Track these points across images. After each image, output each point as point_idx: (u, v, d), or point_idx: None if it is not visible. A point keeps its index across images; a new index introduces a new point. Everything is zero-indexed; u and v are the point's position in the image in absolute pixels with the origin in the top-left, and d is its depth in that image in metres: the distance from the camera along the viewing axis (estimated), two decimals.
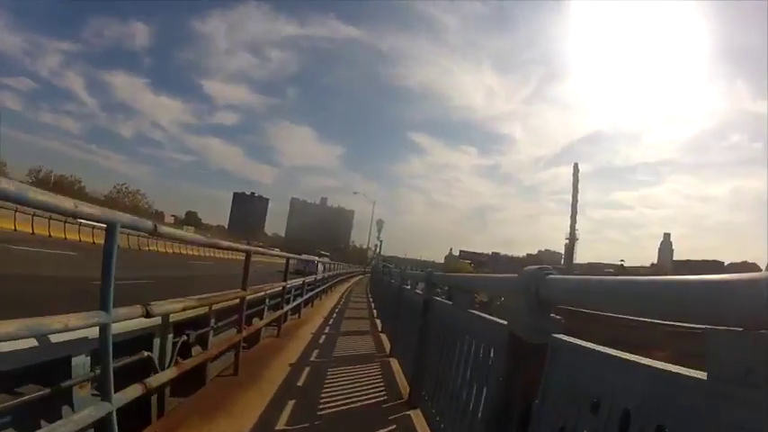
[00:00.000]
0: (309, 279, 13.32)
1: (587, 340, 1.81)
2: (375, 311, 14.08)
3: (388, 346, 8.33)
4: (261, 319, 7.94)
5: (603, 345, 1.67)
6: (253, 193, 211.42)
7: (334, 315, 13.08)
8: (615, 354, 1.56)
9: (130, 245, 31.74)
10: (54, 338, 2.84)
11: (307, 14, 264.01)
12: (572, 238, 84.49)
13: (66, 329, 2.55)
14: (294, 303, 10.59)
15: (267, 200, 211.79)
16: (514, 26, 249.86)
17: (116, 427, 2.90)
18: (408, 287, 7.35)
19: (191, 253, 40.15)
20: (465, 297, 3.65)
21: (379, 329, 10.73)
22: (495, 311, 2.99)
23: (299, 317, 11.17)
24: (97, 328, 2.77)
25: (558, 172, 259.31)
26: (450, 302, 4.12)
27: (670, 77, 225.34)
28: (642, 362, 1.40)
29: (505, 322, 2.45)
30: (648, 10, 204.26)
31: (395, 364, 6.86)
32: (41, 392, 2.93)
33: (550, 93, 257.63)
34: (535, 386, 1.96)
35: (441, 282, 5.13)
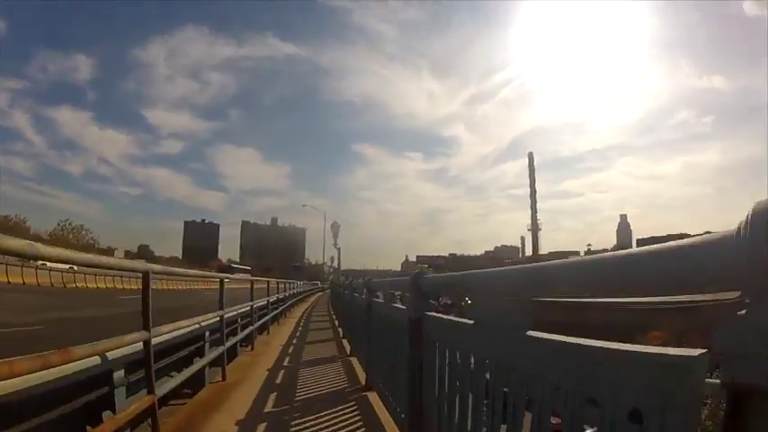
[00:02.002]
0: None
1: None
2: (338, 323, 15.13)
3: (348, 347, 9.78)
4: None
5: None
6: (203, 220, 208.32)
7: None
8: (453, 319, 2.86)
9: (53, 282, 31.57)
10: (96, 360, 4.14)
11: (244, 34, 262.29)
12: (534, 228, 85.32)
13: (124, 345, 3.81)
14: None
15: (218, 225, 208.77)
16: (450, 29, 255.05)
17: (157, 413, 4.18)
18: (357, 295, 8.84)
19: (127, 287, 35.35)
20: (390, 295, 5.11)
21: (341, 336, 12.26)
22: (460, 313, 3.13)
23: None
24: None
25: (505, 168, 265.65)
26: (382, 301, 5.58)
27: (611, 64, 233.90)
28: (464, 321, 2.54)
29: (404, 307, 3.94)
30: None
31: (355, 361, 8.28)
32: (98, 392, 4.48)
33: (491, 90, 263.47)
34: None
35: (374, 287, 6.45)
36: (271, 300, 13.65)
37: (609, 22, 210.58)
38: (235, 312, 9.19)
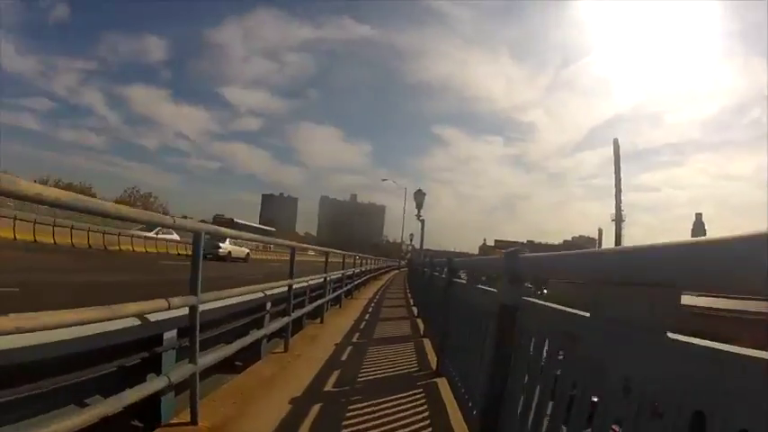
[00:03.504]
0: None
1: None
2: (413, 302, 14.73)
3: (422, 327, 9.24)
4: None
5: None
6: (281, 194, 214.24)
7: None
8: (556, 307, 2.27)
9: (92, 243, 27.70)
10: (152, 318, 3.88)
11: (320, 17, 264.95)
12: (618, 218, 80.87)
13: (169, 308, 3.35)
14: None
15: (296, 199, 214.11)
16: (528, 13, 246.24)
17: (198, 385, 3.77)
18: (436, 273, 8.19)
19: (173, 252, 32.94)
20: (473, 276, 4.46)
21: (416, 315, 11.73)
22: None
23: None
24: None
25: (583, 157, 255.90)
26: (465, 282, 4.92)
27: (687, 56, 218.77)
28: (576, 313, 1.99)
29: (496, 291, 3.28)
30: None
31: (427, 342, 7.70)
32: (141, 354, 4.19)
33: (570, 78, 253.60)
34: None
35: (456, 266, 5.86)
36: (347, 273, 13.62)
37: (687, 13, 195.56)
38: (306, 283, 8.79)
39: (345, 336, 8.31)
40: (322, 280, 9.94)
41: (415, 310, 12.79)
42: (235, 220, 55.52)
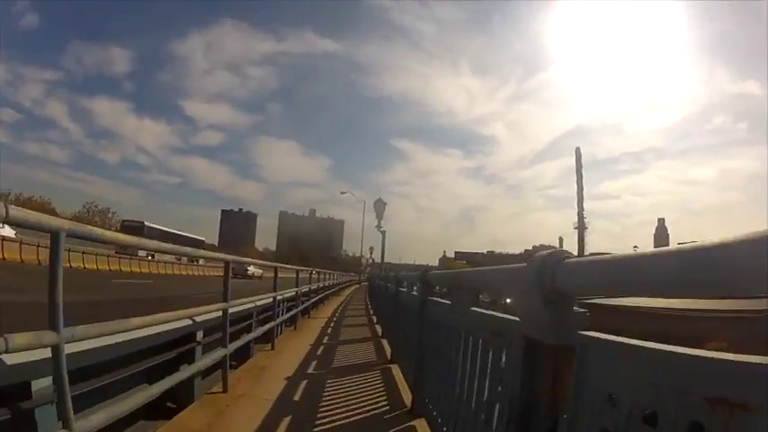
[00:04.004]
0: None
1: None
2: (377, 325, 12.82)
3: (389, 351, 8.01)
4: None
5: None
6: (240, 209, 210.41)
7: None
8: (668, 349, 1.23)
9: (41, 260, 23.67)
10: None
11: (283, 30, 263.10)
12: (581, 226, 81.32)
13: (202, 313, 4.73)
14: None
15: (255, 215, 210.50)
16: (490, 27, 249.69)
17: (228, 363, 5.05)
18: (404, 290, 6.97)
19: (133, 269, 32.97)
20: (465, 295, 3.28)
21: (379, 335, 10.49)
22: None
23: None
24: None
25: (542, 168, 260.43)
26: (449, 302, 3.78)
27: (650, 67, 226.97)
28: (704, 355, 1.10)
29: (517, 319, 2.16)
30: (623, 2, 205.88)
31: (396, 370, 6.51)
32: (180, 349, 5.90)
33: (530, 91, 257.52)
34: (561, 396, 1.70)
35: (436, 280, 4.71)
36: (302, 290, 12.51)
37: (648, 25, 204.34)
38: (252, 305, 8.24)
39: (300, 365, 6.99)
40: (271, 300, 8.63)
41: (378, 329, 11.52)
42: (146, 223, 52.28)
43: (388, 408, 4.94)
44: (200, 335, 6.69)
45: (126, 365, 4.98)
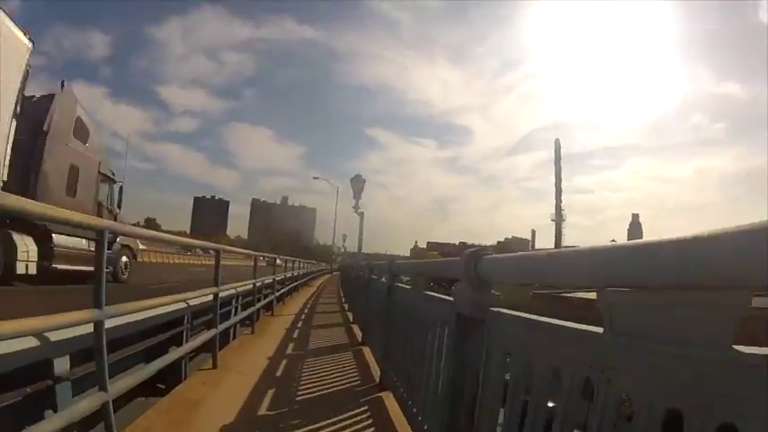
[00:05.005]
0: None
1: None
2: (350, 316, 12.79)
3: (359, 335, 8.75)
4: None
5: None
6: (213, 197, 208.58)
7: None
8: (543, 320, 1.83)
9: None
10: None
11: (262, 16, 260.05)
12: (558, 219, 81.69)
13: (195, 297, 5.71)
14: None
15: (227, 202, 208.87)
16: (467, 19, 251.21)
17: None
18: (375, 277, 7.76)
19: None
20: (421, 281, 4.08)
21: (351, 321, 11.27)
22: None
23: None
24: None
25: (519, 160, 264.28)
26: (410, 287, 4.55)
27: (629, 64, 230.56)
28: (566, 325, 1.62)
29: (452, 299, 2.86)
30: None
31: (367, 351, 7.27)
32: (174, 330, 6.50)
33: (507, 83, 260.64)
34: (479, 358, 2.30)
35: (398, 270, 5.43)
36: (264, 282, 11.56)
37: (629, 21, 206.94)
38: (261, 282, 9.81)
39: (279, 346, 7.74)
40: (251, 286, 9.32)
41: (350, 316, 12.32)
42: None
43: (359, 382, 5.67)
44: (188, 318, 7.05)
45: (124, 347, 5.41)
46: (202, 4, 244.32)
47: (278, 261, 13.18)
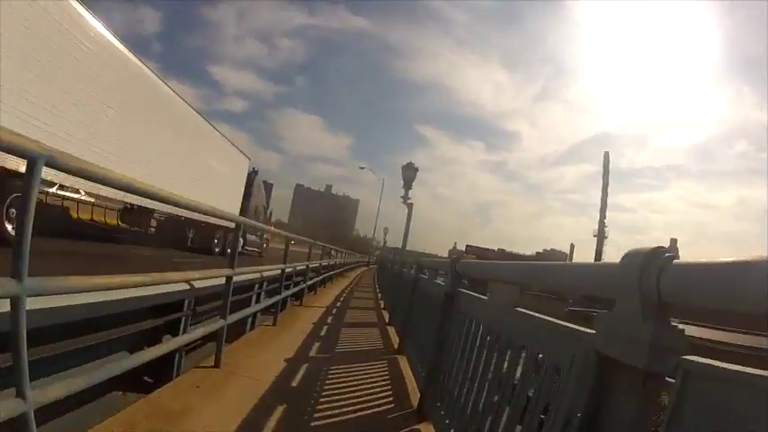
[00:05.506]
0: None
1: None
2: (384, 311, 12.22)
3: (396, 340, 7.54)
4: None
5: None
6: None
7: None
8: (479, 296, 2.50)
9: None
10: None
11: (317, 4, 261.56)
12: (601, 234, 78.47)
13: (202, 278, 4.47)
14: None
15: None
16: (523, 23, 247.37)
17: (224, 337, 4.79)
18: (425, 276, 6.37)
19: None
20: (432, 272, 3.76)
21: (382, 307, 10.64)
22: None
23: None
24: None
25: (564, 171, 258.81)
26: (486, 297, 3.26)
27: (678, 81, 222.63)
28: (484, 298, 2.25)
29: (589, 331, 1.66)
30: (658, 13, 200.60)
31: (403, 361, 6.08)
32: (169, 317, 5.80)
33: (558, 92, 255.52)
34: None
35: (472, 272, 4.03)
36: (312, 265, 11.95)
37: (680, 37, 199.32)
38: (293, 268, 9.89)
39: (302, 345, 6.59)
40: (279, 272, 8.20)
41: (385, 315, 11.02)
42: None
43: (393, 406, 4.47)
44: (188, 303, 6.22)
45: (102, 330, 4.48)
46: None
47: (314, 249, 12.12)
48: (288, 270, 8.59)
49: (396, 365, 5.98)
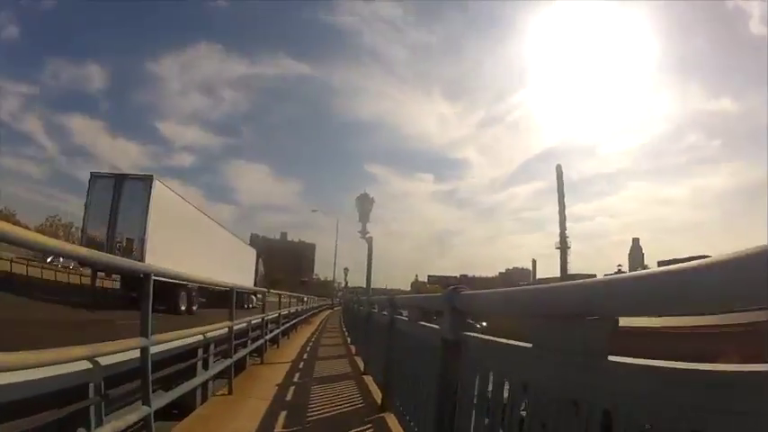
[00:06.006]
0: None
1: None
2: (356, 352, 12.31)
3: (362, 365, 9.39)
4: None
5: None
6: None
7: None
8: (504, 341, 2.38)
9: None
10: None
11: (257, 53, 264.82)
12: (563, 246, 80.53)
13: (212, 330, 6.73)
14: None
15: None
16: (460, 53, 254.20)
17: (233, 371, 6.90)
18: (375, 311, 8.51)
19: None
20: (415, 312, 4.78)
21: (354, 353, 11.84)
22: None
23: None
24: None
25: (516, 191, 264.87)
26: (407, 318, 5.23)
27: (620, 89, 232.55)
28: (519, 345, 2.14)
29: (438, 327, 3.60)
30: (593, 24, 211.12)
31: (369, 379, 7.90)
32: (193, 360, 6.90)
33: (501, 115, 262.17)
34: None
35: (398, 303, 6.17)
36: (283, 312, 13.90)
37: (618, 46, 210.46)
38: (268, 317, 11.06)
39: (287, 375, 8.36)
40: (260, 320, 10.09)
41: (358, 362, 12.51)
42: None
43: (363, 405, 6.33)
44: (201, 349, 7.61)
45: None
46: (198, 41, 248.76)
47: (282, 298, 13.95)
48: (240, 326, 8.23)
49: (362, 382, 7.84)
